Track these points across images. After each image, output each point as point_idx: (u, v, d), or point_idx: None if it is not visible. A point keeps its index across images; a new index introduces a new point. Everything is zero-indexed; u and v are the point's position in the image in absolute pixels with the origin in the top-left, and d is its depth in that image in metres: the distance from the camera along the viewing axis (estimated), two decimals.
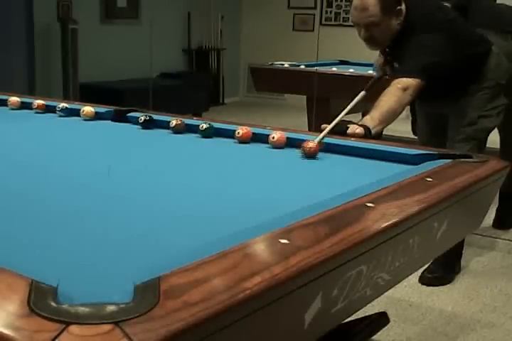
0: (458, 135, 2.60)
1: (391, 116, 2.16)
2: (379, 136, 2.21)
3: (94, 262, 0.93)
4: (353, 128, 1.93)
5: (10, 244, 0.99)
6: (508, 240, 3.22)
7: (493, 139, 3.36)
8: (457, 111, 2.63)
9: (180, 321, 0.69)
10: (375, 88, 2.42)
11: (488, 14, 3.09)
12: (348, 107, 2.19)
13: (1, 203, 1.23)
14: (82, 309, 0.71)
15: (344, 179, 1.51)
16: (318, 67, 4.53)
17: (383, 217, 1.10)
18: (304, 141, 1.75)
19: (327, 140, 1.81)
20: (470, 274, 2.84)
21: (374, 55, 2.75)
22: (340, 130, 1.92)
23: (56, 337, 0.66)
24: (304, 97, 4.79)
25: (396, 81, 2.26)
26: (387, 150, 1.71)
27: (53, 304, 0.72)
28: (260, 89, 5.25)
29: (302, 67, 4.82)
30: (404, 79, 2.25)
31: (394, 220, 1.10)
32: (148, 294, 0.74)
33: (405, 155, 1.66)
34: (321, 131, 1.87)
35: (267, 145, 1.84)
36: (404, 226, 1.13)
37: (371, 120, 2.05)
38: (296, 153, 1.78)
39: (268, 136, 1.84)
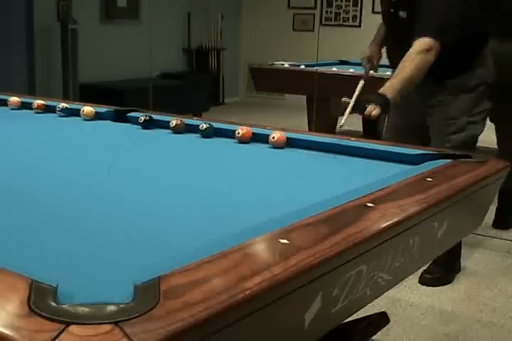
0: (446, 142, 2.48)
1: (413, 82, 2.20)
2: (379, 135, 2.23)
3: (94, 262, 0.93)
4: (370, 110, 2.01)
5: (10, 244, 0.99)
6: (508, 240, 3.22)
7: (493, 139, 3.36)
8: (441, 112, 2.51)
9: (180, 321, 0.69)
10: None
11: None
12: (354, 97, 2.29)
13: (1, 203, 1.23)
14: (82, 309, 0.71)
15: (344, 179, 1.51)
16: (318, 67, 4.53)
17: (383, 217, 1.10)
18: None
19: (327, 140, 1.82)
20: (470, 274, 2.84)
21: None
22: (358, 109, 2.05)
23: (56, 337, 0.66)
24: (304, 97, 4.79)
25: (418, 43, 2.21)
26: (387, 150, 1.71)
27: (53, 304, 0.72)
28: (260, 89, 5.25)
29: (302, 67, 4.82)
30: (427, 40, 2.20)
31: (394, 220, 1.10)
32: (149, 294, 0.74)
33: (405, 155, 1.66)
34: (343, 106, 1.98)
35: (267, 145, 1.83)
36: (404, 226, 1.13)
37: (391, 89, 2.10)
38: (297, 153, 1.78)
39: (268, 136, 1.84)
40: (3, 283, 0.78)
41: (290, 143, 1.83)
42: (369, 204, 1.16)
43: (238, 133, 1.88)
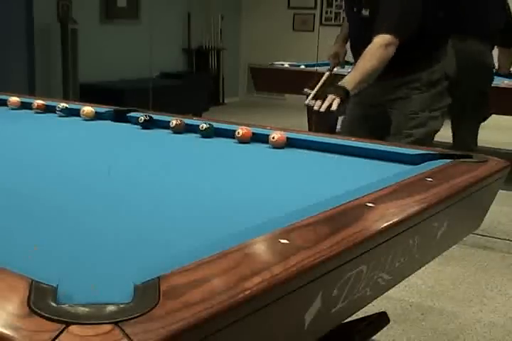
0: (406, 137, 2.51)
1: (372, 76, 2.26)
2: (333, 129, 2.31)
3: (94, 262, 0.93)
4: (330, 100, 2.05)
5: (10, 243, 0.99)
6: (508, 240, 3.22)
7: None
8: (403, 105, 2.54)
9: (180, 321, 0.69)
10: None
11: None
12: (317, 88, 2.43)
13: (1, 203, 1.23)
14: (82, 309, 0.71)
15: (344, 179, 1.51)
16: (318, 67, 4.53)
17: (383, 217, 1.10)
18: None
19: (327, 140, 1.82)
20: (470, 274, 2.84)
21: None
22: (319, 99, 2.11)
23: (56, 337, 0.65)
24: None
25: (378, 38, 2.28)
26: (387, 150, 1.71)
27: (53, 304, 0.72)
28: (260, 89, 5.26)
29: (302, 67, 4.82)
30: (386, 36, 2.28)
31: (394, 220, 1.10)
32: (148, 294, 0.74)
33: (405, 155, 1.66)
34: (306, 95, 2.07)
35: (267, 145, 1.83)
36: (405, 226, 1.13)
37: (351, 81, 2.16)
38: (297, 153, 1.78)
39: (268, 136, 1.84)
40: (3, 283, 0.78)
41: (290, 143, 1.83)
42: (369, 204, 1.16)
43: (238, 133, 1.88)
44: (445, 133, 3.69)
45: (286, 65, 4.89)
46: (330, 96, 2.06)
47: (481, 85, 3.44)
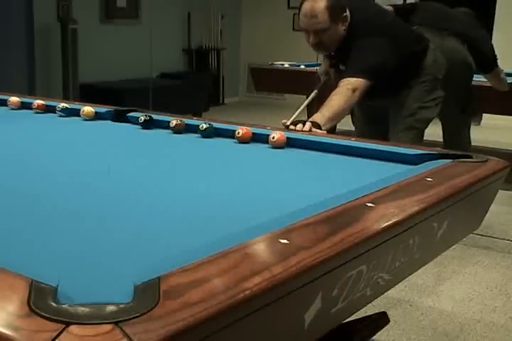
0: (399, 125, 2.69)
1: (340, 115, 2.31)
2: (332, 131, 2.33)
3: (94, 262, 0.93)
4: (308, 127, 2.04)
5: (10, 243, 0.99)
6: (508, 240, 3.22)
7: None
8: (398, 103, 2.70)
9: (180, 321, 0.69)
10: (325, 88, 2.63)
11: (431, 13, 3.37)
12: (304, 104, 2.39)
13: (1, 203, 1.23)
14: (82, 309, 0.71)
15: (344, 179, 1.51)
16: (318, 67, 4.53)
17: (383, 217, 1.11)
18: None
19: (327, 140, 1.82)
20: (470, 274, 2.84)
21: None
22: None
23: (56, 337, 0.66)
24: (304, 97, 4.78)
25: (345, 81, 2.34)
26: (387, 150, 1.71)
27: (53, 304, 0.72)
28: (260, 89, 5.25)
29: (302, 67, 4.82)
30: (353, 80, 2.34)
31: (394, 220, 1.10)
32: (148, 294, 0.74)
33: (405, 155, 1.66)
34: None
35: (267, 145, 1.84)
36: (404, 226, 1.13)
37: (322, 117, 2.17)
38: (297, 153, 1.78)
39: (268, 136, 1.84)
40: (3, 283, 0.78)
41: (290, 143, 1.83)
42: (369, 204, 1.16)
43: (238, 133, 1.88)
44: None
45: (286, 64, 4.89)
46: (308, 124, 2.06)
47: (467, 83, 3.46)
